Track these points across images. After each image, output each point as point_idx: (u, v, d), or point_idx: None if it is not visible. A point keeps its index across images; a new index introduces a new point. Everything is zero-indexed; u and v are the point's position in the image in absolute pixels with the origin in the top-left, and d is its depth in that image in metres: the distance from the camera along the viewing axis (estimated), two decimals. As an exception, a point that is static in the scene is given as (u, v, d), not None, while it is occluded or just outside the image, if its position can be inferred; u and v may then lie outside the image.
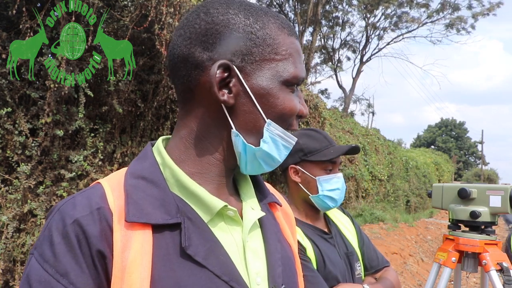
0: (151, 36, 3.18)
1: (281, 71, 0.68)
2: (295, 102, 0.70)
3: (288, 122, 0.71)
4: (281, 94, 0.68)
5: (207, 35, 0.66)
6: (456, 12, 20.80)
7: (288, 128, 0.71)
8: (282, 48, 0.68)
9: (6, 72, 2.70)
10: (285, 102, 0.68)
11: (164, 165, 0.68)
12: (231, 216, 0.69)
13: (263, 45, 0.67)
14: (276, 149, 0.70)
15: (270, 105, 0.67)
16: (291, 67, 0.69)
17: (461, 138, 52.41)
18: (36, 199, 2.88)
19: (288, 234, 0.82)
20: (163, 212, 0.62)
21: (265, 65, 0.67)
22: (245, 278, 0.65)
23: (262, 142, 0.68)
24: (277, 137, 0.69)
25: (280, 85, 0.68)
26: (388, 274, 1.55)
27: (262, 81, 0.66)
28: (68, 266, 0.57)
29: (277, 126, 0.69)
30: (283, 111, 0.68)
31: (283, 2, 19.70)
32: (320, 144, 1.46)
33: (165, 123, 3.63)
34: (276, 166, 0.74)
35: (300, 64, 0.71)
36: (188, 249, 0.61)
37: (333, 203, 1.45)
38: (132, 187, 0.64)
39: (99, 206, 0.61)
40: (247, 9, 0.68)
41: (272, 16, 0.70)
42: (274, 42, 0.68)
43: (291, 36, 0.71)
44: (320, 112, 6.02)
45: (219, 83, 0.65)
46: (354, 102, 24.87)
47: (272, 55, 0.67)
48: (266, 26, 0.68)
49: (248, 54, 0.66)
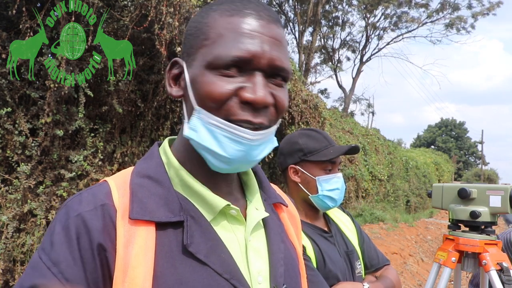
0: (151, 36, 3.18)
1: (206, 55, 0.65)
2: (219, 84, 0.63)
3: (220, 108, 0.63)
4: (203, 78, 0.64)
5: (182, 41, 0.73)
6: (456, 12, 20.81)
7: (229, 116, 0.63)
8: (213, 32, 0.65)
9: (6, 72, 2.70)
10: (203, 86, 0.64)
11: (169, 164, 0.70)
12: (234, 215, 0.70)
13: (199, 34, 0.67)
14: (215, 141, 0.64)
15: (196, 91, 0.66)
16: (216, 48, 0.64)
17: (461, 138, 52.41)
18: (36, 199, 2.88)
19: (292, 235, 0.82)
20: (166, 210, 0.64)
21: (197, 54, 0.67)
22: (246, 277, 0.66)
23: (189, 130, 0.66)
24: (213, 127, 0.64)
25: (204, 69, 0.64)
26: (388, 272, 1.55)
27: (194, 69, 0.67)
28: (61, 256, 0.59)
29: (209, 113, 0.64)
30: (202, 95, 0.64)
31: (283, 2, 19.69)
32: (319, 144, 1.46)
33: (165, 123, 3.63)
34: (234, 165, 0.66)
35: (235, 43, 0.63)
36: (190, 246, 0.62)
37: (333, 203, 1.45)
38: (137, 185, 0.66)
39: (103, 202, 0.63)
40: (205, 8, 0.70)
41: (224, 3, 0.67)
42: (207, 29, 0.66)
43: (232, 16, 0.65)
44: (320, 112, 6.02)
45: (173, 79, 0.71)
46: (354, 102, 24.89)
47: (204, 41, 0.66)
48: (208, 16, 0.68)
49: (190, 48, 0.69)
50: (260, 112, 0.64)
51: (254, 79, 0.64)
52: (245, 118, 0.63)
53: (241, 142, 0.64)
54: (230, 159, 0.64)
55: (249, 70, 0.64)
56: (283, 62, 0.66)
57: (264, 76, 0.65)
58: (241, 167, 0.69)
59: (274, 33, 0.66)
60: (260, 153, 0.68)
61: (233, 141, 0.64)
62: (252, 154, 0.66)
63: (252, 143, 0.64)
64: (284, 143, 1.53)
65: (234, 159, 0.64)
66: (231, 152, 0.64)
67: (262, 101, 0.63)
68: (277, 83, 0.67)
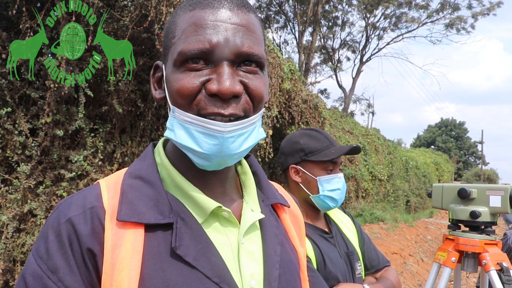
0: (151, 36, 3.18)
1: (173, 53, 0.65)
2: (185, 80, 0.62)
3: (190, 103, 0.62)
4: (172, 76, 0.64)
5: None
6: (456, 12, 20.82)
7: (200, 111, 0.62)
8: (178, 29, 0.65)
9: (6, 72, 2.70)
10: (172, 84, 0.64)
11: (161, 165, 0.70)
12: (227, 217, 0.68)
13: (168, 34, 0.68)
14: (190, 137, 0.63)
15: (169, 91, 0.66)
16: (179, 44, 0.63)
17: (461, 138, 52.40)
18: (36, 199, 2.88)
19: (294, 237, 0.80)
20: (156, 212, 0.63)
21: (169, 53, 0.67)
22: (237, 280, 0.64)
23: (167, 130, 0.66)
24: (187, 124, 0.63)
25: (173, 67, 0.64)
26: (388, 273, 1.55)
27: (166, 69, 0.67)
28: (58, 264, 0.59)
29: (181, 111, 0.63)
30: (173, 94, 0.64)
31: (283, 2, 19.68)
32: (321, 144, 1.45)
33: (165, 123, 3.62)
34: (214, 160, 0.64)
35: (193, 36, 0.62)
36: (179, 249, 0.61)
37: (334, 203, 1.45)
38: (128, 186, 0.66)
39: (92, 205, 0.63)
40: (177, 8, 0.70)
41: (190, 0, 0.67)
42: (174, 28, 0.66)
43: (192, 10, 0.64)
44: (320, 112, 6.02)
45: (157, 83, 0.72)
46: (354, 102, 24.90)
47: (171, 40, 0.66)
48: (176, 14, 0.68)
49: (164, 49, 0.70)
50: (230, 103, 0.62)
51: (219, 69, 0.61)
52: (214, 111, 0.61)
53: (214, 136, 0.61)
54: (208, 155, 0.62)
55: (215, 61, 0.62)
56: (252, 48, 0.63)
57: (232, 65, 0.62)
58: (223, 162, 0.65)
59: (238, 20, 0.63)
60: (240, 146, 0.64)
61: (207, 135, 0.62)
62: (229, 148, 0.62)
63: (226, 135, 0.61)
64: (285, 143, 1.52)
65: (210, 154, 0.62)
66: (206, 147, 0.62)
67: (227, 91, 0.60)
68: (249, 70, 0.64)
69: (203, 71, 0.62)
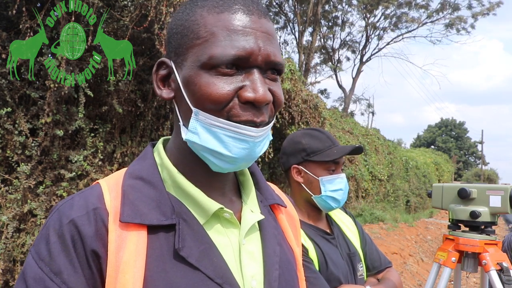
0: (151, 36, 3.18)
1: (199, 55, 0.63)
2: (218, 86, 0.61)
3: (222, 109, 0.62)
4: (200, 79, 0.62)
5: (167, 39, 0.71)
6: (456, 12, 20.81)
7: (231, 118, 0.62)
8: (204, 30, 0.63)
9: (6, 72, 2.70)
10: (201, 88, 0.62)
11: (162, 166, 0.69)
12: (228, 218, 0.68)
13: (188, 33, 0.65)
14: (218, 141, 0.63)
15: (192, 93, 0.63)
16: (210, 47, 0.62)
17: (461, 138, 52.40)
18: (36, 199, 2.88)
19: (290, 237, 0.80)
20: (158, 213, 0.63)
21: (189, 53, 0.64)
22: (239, 281, 0.64)
23: (188, 133, 0.65)
24: (215, 128, 0.62)
25: (199, 70, 0.62)
26: (390, 274, 1.54)
27: (186, 70, 0.65)
28: (61, 266, 0.58)
29: (208, 115, 0.62)
30: (201, 98, 0.62)
31: (283, 2, 19.68)
32: (323, 144, 1.44)
33: (165, 123, 3.63)
34: (240, 163, 0.65)
35: (229, 41, 0.61)
36: (182, 250, 0.61)
37: (336, 204, 1.44)
38: (129, 187, 0.65)
39: (95, 206, 0.62)
40: (190, 4, 0.68)
41: (212, 1, 0.65)
42: (196, 27, 0.64)
43: (222, 13, 0.63)
44: (320, 112, 6.02)
45: (162, 80, 0.69)
46: (354, 102, 24.88)
47: (194, 40, 0.64)
48: (193, 13, 0.66)
49: (178, 47, 0.66)
50: (262, 110, 0.63)
51: (252, 76, 0.62)
52: (248, 119, 0.62)
53: (246, 141, 0.63)
54: (236, 158, 0.63)
55: (247, 68, 0.63)
56: (277, 56, 0.65)
57: (261, 72, 0.64)
58: (243, 165, 0.67)
59: (265, 28, 0.64)
60: (262, 149, 0.67)
61: (237, 140, 0.62)
62: (255, 151, 0.65)
63: (256, 139, 0.63)
64: (287, 143, 1.51)
65: (239, 157, 0.63)
66: (236, 151, 0.63)
67: (263, 99, 0.61)
68: (272, 78, 0.66)
69: (236, 77, 0.62)
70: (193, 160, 0.68)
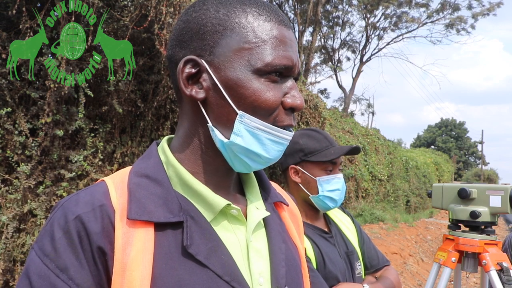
0: (151, 36, 3.18)
1: (252, 59, 0.64)
2: (272, 93, 0.65)
3: (270, 115, 0.65)
4: (252, 84, 0.64)
5: (183, 34, 0.68)
6: (456, 12, 20.81)
7: (276, 123, 0.66)
8: (254, 36, 0.64)
9: (6, 72, 2.70)
10: (255, 93, 0.64)
11: (168, 163, 0.69)
12: (235, 215, 0.69)
13: (231, 35, 0.65)
14: (259, 144, 0.66)
15: (240, 96, 0.64)
16: (264, 54, 0.64)
17: (461, 138, 52.42)
18: (36, 199, 2.88)
19: (294, 235, 0.81)
20: (165, 210, 0.63)
21: (234, 56, 0.64)
22: (247, 279, 0.65)
23: (233, 135, 0.65)
24: (258, 131, 0.65)
25: (251, 74, 0.64)
26: (388, 273, 1.55)
27: (231, 72, 0.64)
28: (68, 262, 0.58)
29: (255, 118, 0.64)
30: (255, 103, 0.64)
31: (283, 2, 19.68)
32: (320, 145, 1.45)
33: (165, 123, 3.63)
34: (269, 164, 0.70)
35: (281, 51, 0.65)
36: (190, 248, 0.61)
37: (333, 204, 1.45)
38: (135, 185, 0.65)
39: (101, 203, 0.62)
40: (221, 2, 0.67)
41: (248, 5, 0.66)
42: (244, 31, 0.65)
43: (269, 22, 0.66)
44: (320, 112, 6.02)
45: (188, 79, 0.67)
46: (354, 102, 24.87)
47: (242, 43, 0.64)
48: (236, 15, 0.66)
49: (216, 47, 0.65)
50: (294, 115, 0.70)
51: (291, 85, 0.68)
52: (289, 123, 0.68)
53: (282, 143, 0.68)
54: (271, 160, 0.68)
55: (287, 77, 0.68)
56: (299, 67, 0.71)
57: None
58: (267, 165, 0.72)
59: (295, 41, 0.71)
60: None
61: (275, 143, 0.67)
62: (282, 153, 0.70)
63: (288, 142, 0.69)
64: None
65: (274, 158, 0.69)
66: (273, 153, 0.68)
67: (302, 106, 0.68)
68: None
69: (280, 85, 0.67)
70: (206, 159, 0.68)
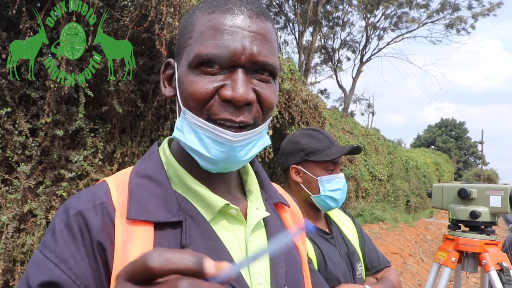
0: (151, 36, 3.18)
1: (189, 54, 0.64)
2: (200, 84, 0.62)
3: (203, 108, 0.63)
4: (187, 78, 0.64)
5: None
6: (456, 12, 20.81)
7: (210, 116, 0.62)
8: (195, 30, 0.65)
9: (6, 72, 2.70)
10: (186, 86, 0.64)
11: (168, 164, 0.70)
12: (234, 215, 0.69)
13: (184, 34, 0.68)
14: (199, 141, 0.64)
15: (182, 92, 0.65)
16: (197, 46, 0.63)
17: (461, 138, 52.42)
18: (36, 199, 2.88)
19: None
20: (165, 210, 0.63)
21: (183, 53, 0.67)
22: (246, 278, 0.65)
23: (175, 130, 0.66)
24: (197, 128, 0.63)
25: (187, 69, 0.64)
26: (389, 274, 1.54)
27: (180, 69, 0.67)
28: (68, 253, 0.58)
29: (192, 114, 0.63)
30: (187, 96, 0.64)
31: (283, 2, 19.68)
32: (321, 144, 1.45)
33: (165, 123, 3.63)
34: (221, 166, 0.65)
35: (211, 40, 0.62)
36: (189, 247, 0.61)
37: (335, 204, 1.44)
38: (135, 185, 0.66)
39: (102, 201, 0.63)
40: (197, 7, 0.69)
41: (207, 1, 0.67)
42: (191, 28, 0.66)
43: (211, 14, 0.64)
44: (320, 112, 6.02)
45: (167, 80, 0.72)
46: (354, 102, 24.87)
47: (187, 40, 0.66)
48: (193, 14, 0.68)
49: (178, 47, 0.70)
50: (242, 110, 0.62)
51: (234, 76, 0.62)
52: (226, 117, 0.62)
53: (223, 143, 0.62)
54: (214, 160, 0.64)
55: (230, 67, 0.62)
56: (267, 57, 0.64)
57: (246, 72, 0.63)
58: (228, 167, 0.67)
59: (256, 28, 0.64)
60: (247, 153, 0.66)
61: (216, 142, 0.63)
62: (236, 155, 0.64)
63: (235, 144, 0.63)
64: (286, 143, 1.52)
65: (218, 160, 0.64)
66: (214, 153, 0.63)
67: (241, 98, 0.60)
68: (262, 79, 0.65)
69: (218, 76, 0.62)
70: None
